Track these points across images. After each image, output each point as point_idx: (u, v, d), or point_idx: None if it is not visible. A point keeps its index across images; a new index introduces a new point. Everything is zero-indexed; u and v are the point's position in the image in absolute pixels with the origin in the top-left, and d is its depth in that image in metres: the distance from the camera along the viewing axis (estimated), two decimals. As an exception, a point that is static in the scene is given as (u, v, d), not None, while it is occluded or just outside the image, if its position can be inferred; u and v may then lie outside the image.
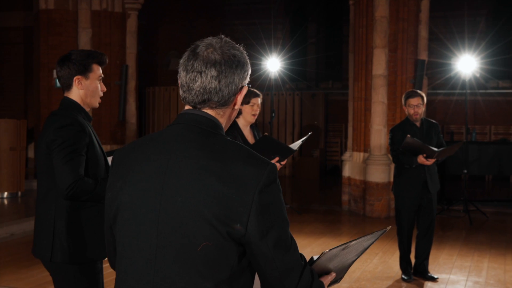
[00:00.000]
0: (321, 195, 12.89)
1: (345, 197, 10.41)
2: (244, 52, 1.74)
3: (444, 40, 14.14)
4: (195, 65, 1.68)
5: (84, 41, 10.92)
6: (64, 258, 2.95)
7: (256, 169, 1.59)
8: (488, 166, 10.73)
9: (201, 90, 1.68)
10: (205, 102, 1.70)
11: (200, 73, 1.67)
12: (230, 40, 1.74)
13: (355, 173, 10.13)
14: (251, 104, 4.71)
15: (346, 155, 10.48)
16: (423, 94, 6.06)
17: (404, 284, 6.04)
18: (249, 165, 1.60)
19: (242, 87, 1.74)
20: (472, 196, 11.43)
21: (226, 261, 1.59)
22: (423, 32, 9.71)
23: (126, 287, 1.66)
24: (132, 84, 11.50)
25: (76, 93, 3.06)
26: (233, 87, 1.70)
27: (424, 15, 9.71)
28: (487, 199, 11.62)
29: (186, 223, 1.58)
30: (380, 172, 9.57)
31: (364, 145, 9.94)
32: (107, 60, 3.17)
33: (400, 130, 6.02)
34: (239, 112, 4.76)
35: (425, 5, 9.69)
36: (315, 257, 1.81)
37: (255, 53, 11.77)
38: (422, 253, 6.14)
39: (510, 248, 7.56)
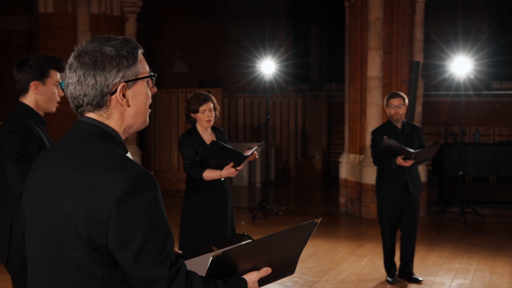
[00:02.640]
0: (320, 197, 12.90)
1: (342, 199, 10.42)
2: (114, 49, 1.68)
3: (439, 42, 14.05)
4: (67, 74, 1.72)
5: (83, 44, 11.01)
6: (21, 260, 3.01)
7: (116, 179, 1.57)
8: (485, 168, 10.67)
9: (71, 98, 1.71)
10: (79, 107, 1.71)
11: (68, 80, 1.70)
12: (100, 37, 1.72)
13: (351, 175, 10.13)
14: (201, 112, 4.78)
15: (343, 157, 10.49)
16: (405, 96, 6.07)
17: (388, 286, 6.05)
18: (110, 174, 1.58)
19: (117, 85, 1.69)
20: (473, 198, 11.36)
21: (94, 270, 1.60)
22: (418, 34, 9.69)
23: None
24: (131, 86, 11.57)
25: (31, 98, 3.12)
26: (99, 88, 1.67)
27: (419, 17, 9.69)
28: (487, 201, 11.55)
29: (57, 234, 1.62)
30: (375, 174, 9.54)
31: (359, 147, 9.94)
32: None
33: (381, 132, 6.04)
34: (195, 119, 4.85)
35: (420, 7, 9.67)
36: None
37: (253, 56, 11.78)
38: (405, 255, 6.15)
39: (500, 250, 7.53)
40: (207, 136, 4.85)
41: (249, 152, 4.87)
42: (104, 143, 1.67)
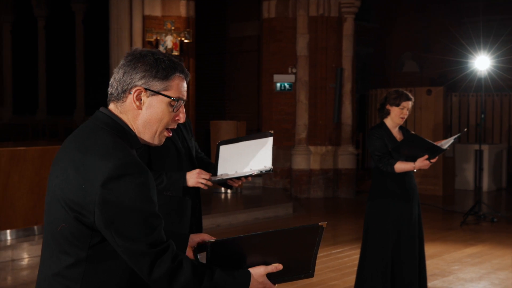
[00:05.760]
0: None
1: None
2: (154, 60, 1.86)
3: None
4: None
5: (302, 46, 11.39)
6: None
7: (105, 163, 1.72)
8: None
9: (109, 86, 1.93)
10: (109, 95, 1.91)
11: None
12: (155, 50, 1.91)
13: None
14: (400, 107, 4.65)
15: None
16: None
17: None
18: (101, 159, 1.73)
19: (135, 88, 1.85)
20: None
21: (82, 241, 1.76)
22: None
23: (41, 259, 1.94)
24: (347, 86, 11.64)
25: None
26: (121, 83, 1.87)
27: None
28: None
29: (52, 206, 1.82)
30: None
31: None
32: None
33: None
34: (387, 113, 4.75)
35: None
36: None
37: (487, 53, 10.93)
38: None
39: None
40: (396, 133, 4.78)
41: (445, 146, 4.70)
42: (109, 132, 1.84)
